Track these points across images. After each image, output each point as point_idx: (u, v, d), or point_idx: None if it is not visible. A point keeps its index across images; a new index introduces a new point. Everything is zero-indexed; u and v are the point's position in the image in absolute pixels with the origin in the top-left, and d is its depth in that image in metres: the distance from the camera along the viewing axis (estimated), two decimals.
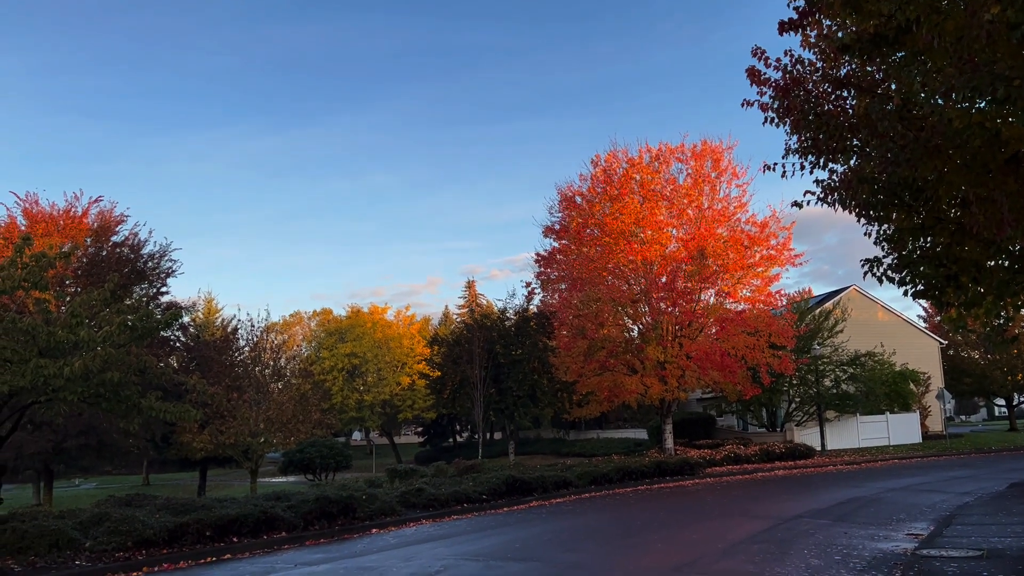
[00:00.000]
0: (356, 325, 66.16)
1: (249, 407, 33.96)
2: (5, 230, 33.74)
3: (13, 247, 15.36)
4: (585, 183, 34.83)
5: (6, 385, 12.14)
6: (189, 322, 41.93)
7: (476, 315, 45.87)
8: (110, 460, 37.01)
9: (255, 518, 14.82)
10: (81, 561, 12.40)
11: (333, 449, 33.07)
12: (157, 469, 56.88)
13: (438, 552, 12.74)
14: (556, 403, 40.41)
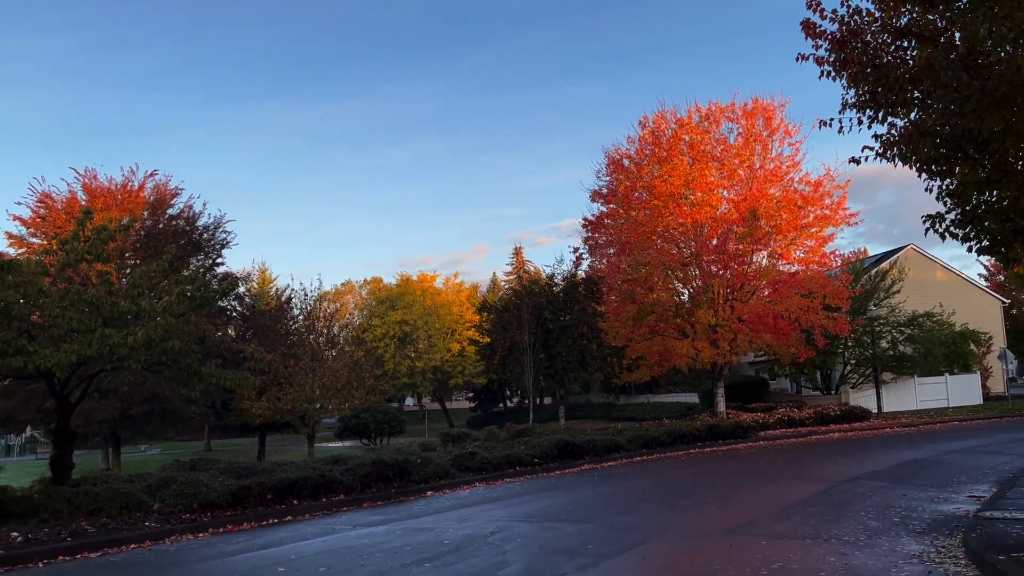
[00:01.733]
0: (406, 293, 66.85)
1: (305, 374, 34.67)
2: (67, 205, 34.78)
3: (75, 221, 15.83)
4: (633, 145, 34.40)
5: (74, 354, 12.57)
6: (245, 292, 42.76)
7: (524, 281, 46.02)
8: (173, 426, 38.32)
9: (314, 481, 15.20)
10: (150, 523, 12.88)
11: (387, 414, 33.67)
12: (218, 435, 58.57)
13: (492, 514, 12.93)
14: (605, 368, 40.44)
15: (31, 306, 13.17)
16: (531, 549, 9.61)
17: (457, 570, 8.51)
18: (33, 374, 13.35)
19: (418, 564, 8.92)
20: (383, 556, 9.54)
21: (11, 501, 12.85)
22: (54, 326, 12.94)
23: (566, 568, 8.42)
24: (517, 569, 8.46)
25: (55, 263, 14.25)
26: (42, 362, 12.24)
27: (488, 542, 10.20)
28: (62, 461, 14.53)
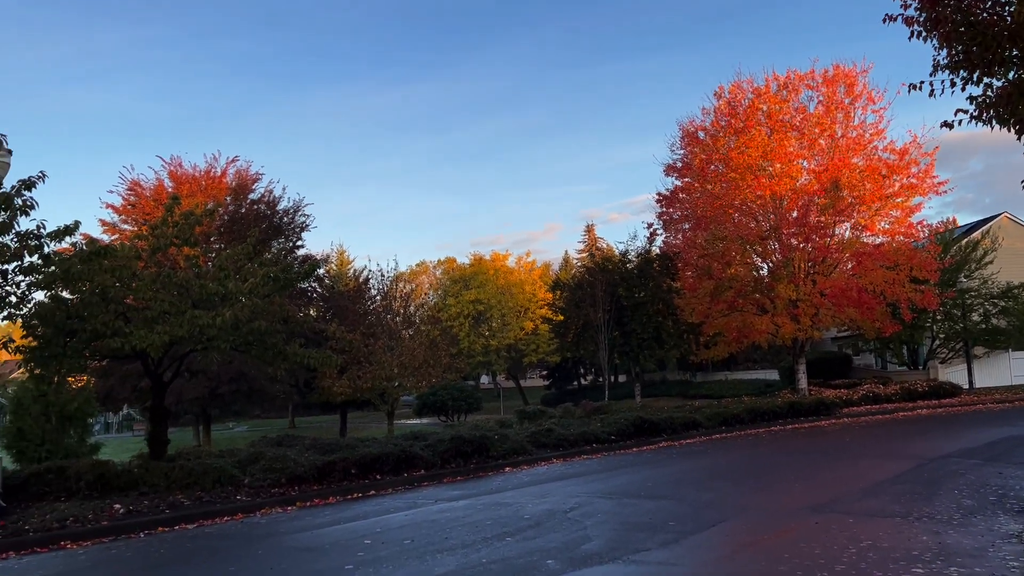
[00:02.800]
0: (479, 272, 67.37)
1: (383, 353, 35.36)
2: (154, 192, 36.18)
3: (164, 207, 16.45)
4: (708, 117, 33.66)
5: (167, 335, 13.10)
6: (324, 274, 43.81)
7: (597, 259, 45.73)
8: (259, 404, 39.66)
9: (395, 457, 15.54)
10: (241, 496, 13.40)
11: (464, 392, 34.07)
12: (301, 412, 60.48)
13: (571, 490, 12.98)
14: (682, 345, 39.95)
15: (126, 289, 13.77)
16: (611, 525, 9.62)
17: (538, 544, 8.59)
18: (129, 354, 13.97)
19: (499, 538, 9.04)
20: (465, 530, 9.70)
21: (113, 475, 13.54)
22: (147, 308, 13.50)
23: (648, 544, 8.40)
24: (599, 544, 8.48)
25: (146, 248, 14.83)
26: (137, 342, 12.80)
27: (568, 517, 10.26)
28: (158, 437, 15.21)
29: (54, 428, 20.38)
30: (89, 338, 13.12)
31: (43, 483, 13.15)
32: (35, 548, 10.17)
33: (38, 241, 11.42)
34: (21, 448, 20.22)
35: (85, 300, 12.93)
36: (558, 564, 7.64)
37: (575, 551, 8.19)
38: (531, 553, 8.15)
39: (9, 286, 11.74)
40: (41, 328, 13.14)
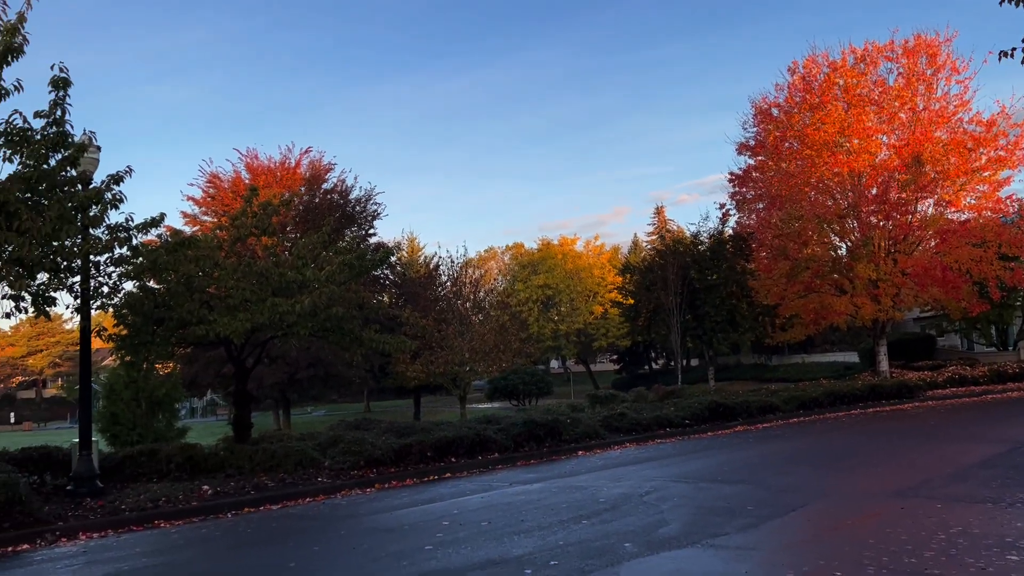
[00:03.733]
0: (547, 257, 67.28)
1: (454, 338, 35.73)
2: (232, 184, 37.29)
3: (243, 198, 16.94)
4: (782, 93, 32.74)
5: (248, 322, 13.52)
6: (396, 261, 44.47)
7: (667, 241, 45.13)
8: (336, 389, 40.70)
9: (470, 440, 15.74)
10: (322, 478, 13.78)
11: (534, 376, 34.18)
12: (376, 397, 61.71)
13: (646, 474, 12.93)
14: (756, 328, 39.14)
15: (208, 279, 14.26)
16: (688, 508, 9.55)
17: (615, 527, 8.59)
18: (213, 341, 14.48)
19: (575, 521, 9.07)
20: (541, 513, 9.77)
21: (201, 458, 14.10)
22: (229, 296, 13.95)
23: (726, 528, 8.32)
24: (676, 528, 8.44)
25: (227, 238, 15.32)
26: (221, 329, 13.25)
27: (644, 501, 10.22)
28: (242, 421, 15.75)
29: (144, 413, 21.32)
30: (176, 326, 13.65)
31: (136, 465, 13.79)
32: (131, 527, 10.68)
33: (127, 233, 11.90)
34: (115, 432, 21.24)
35: (171, 289, 13.45)
36: (635, 547, 7.63)
37: (652, 535, 8.16)
38: (608, 536, 8.17)
39: (101, 277, 12.28)
40: (131, 317, 13.73)
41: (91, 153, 11.84)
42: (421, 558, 7.59)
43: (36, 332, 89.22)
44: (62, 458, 13.23)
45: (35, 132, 10.89)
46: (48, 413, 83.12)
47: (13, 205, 10.05)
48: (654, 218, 72.84)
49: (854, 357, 41.81)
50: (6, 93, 10.77)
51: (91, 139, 11.82)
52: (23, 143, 10.77)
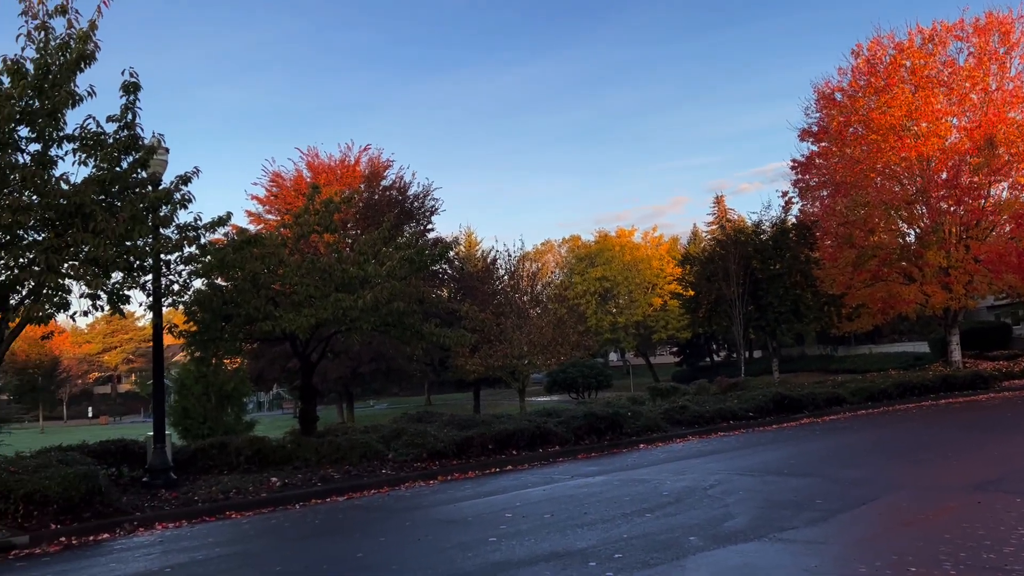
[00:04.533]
0: (604, 249, 66.91)
1: (512, 331, 35.83)
2: (294, 182, 38.04)
3: (305, 196, 17.28)
4: (845, 77, 31.90)
5: (313, 317, 13.81)
6: (453, 255, 44.79)
7: (728, 230, 44.47)
8: (397, 383, 41.25)
9: (530, 433, 15.77)
10: (386, 470, 13.97)
11: (593, 369, 34.09)
12: (436, 390, 62.41)
13: (710, 467, 12.77)
14: (822, 318, 38.30)
15: (274, 276, 14.59)
16: (754, 502, 9.40)
17: (679, 521, 8.51)
18: (279, 336, 14.83)
19: (639, 514, 9.02)
20: (603, 505, 9.74)
21: (269, 450, 14.45)
22: (294, 293, 14.26)
23: (794, 522, 8.16)
24: (742, 522, 8.31)
25: (291, 236, 15.65)
26: (287, 325, 13.56)
27: (708, 494, 10.10)
28: (308, 414, 16.08)
29: (214, 407, 21.96)
30: (243, 322, 14.01)
31: (208, 458, 14.20)
32: (204, 517, 11.00)
33: (196, 232, 12.27)
34: (186, 425, 21.94)
35: (238, 286, 13.81)
36: (701, 541, 7.55)
37: (718, 528, 8.06)
38: (672, 529, 8.10)
39: (172, 275, 12.69)
40: (200, 314, 14.15)
41: (160, 155, 12.21)
42: (486, 550, 7.65)
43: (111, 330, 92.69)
44: (138, 451, 13.71)
45: (107, 136, 11.29)
46: (123, 407, 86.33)
47: (89, 207, 10.43)
48: (714, 208, 71.77)
49: (924, 347, 40.59)
50: (80, 99, 11.17)
51: (160, 141, 12.19)
52: (97, 147, 11.17)
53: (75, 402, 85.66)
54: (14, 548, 9.15)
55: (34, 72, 10.66)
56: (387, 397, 62.33)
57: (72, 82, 10.96)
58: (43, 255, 10.37)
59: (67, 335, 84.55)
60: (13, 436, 23.80)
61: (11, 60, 10.67)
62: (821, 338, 48.23)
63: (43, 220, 10.68)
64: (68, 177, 10.90)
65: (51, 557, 8.90)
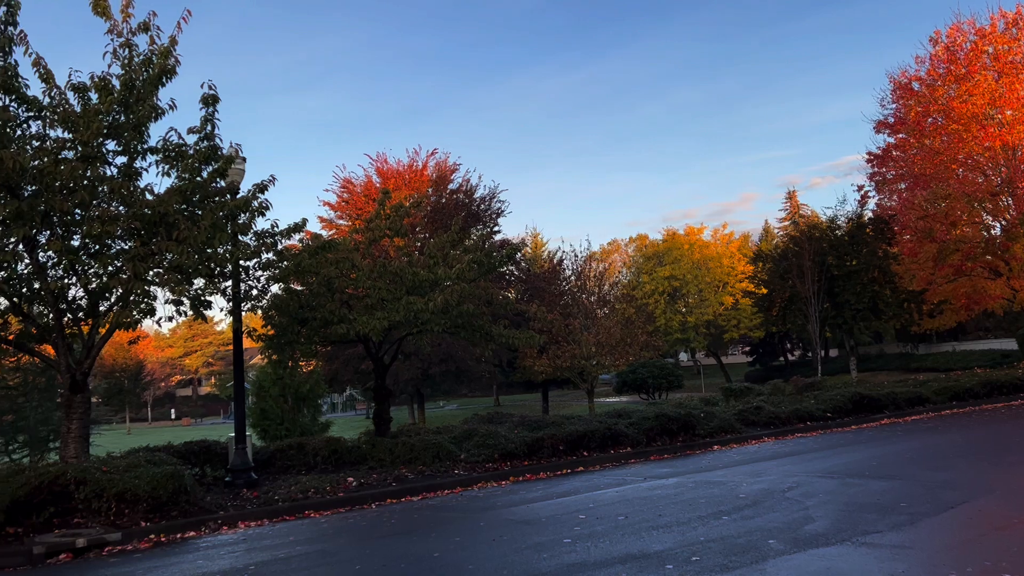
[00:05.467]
0: (673, 248, 66.10)
1: (580, 332, 35.74)
2: (364, 188, 38.74)
3: (376, 202, 17.58)
4: (923, 66, 30.84)
5: (385, 320, 14.04)
6: (520, 257, 44.92)
7: (801, 226, 43.44)
8: (466, 384, 41.65)
9: (601, 434, 15.70)
10: (458, 470, 14.09)
11: (664, 369, 33.73)
12: (504, 391, 62.68)
13: (787, 469, 12.49)
14: (901, 315, 37.06)
15: (347, 280, 14.89)
16: (835, 505, 9.15)
17: (758, 524, 8.35)
18: (353, 339, 15.12)
19: (715, 517, 8.88)
20: (678, 508, 9.62)
21: (345, 450, 14.75)
22: (367, 296, 14.52)
23: (879, 526, 7.91)
24: (823, 525, 8.10)
25: (363, 241, 15.94)
26: (361, 328, 13.81)
27: (787, 497, 9.88)
28: (381, 415, 16.34)
29: (291, 408, 22.52)
30: (319, 325, 14.33)
31: (286, 458, 14.58)
32: (284, 516, 11.29)
33: (273, 239, 12.63)
34: (264, 426, 22.55)
35: (314, 291, 14.14)
36: (781, 544, 7.39)
37: (798, 531, 7.88)
38: (750, 532, 7.95)
39: (251, 281, 13.09)
40: (278, 318, 14.53)
41: (237, 164, 12.59)
42: (561, 551, 7.64)
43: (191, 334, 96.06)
44: (220, 451, 14.15)
45: (188, 147, 11.70)
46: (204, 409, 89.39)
47: (172, 216, 10.84)
48: (786, 203, 70.25)
49: (1012, 344, 38.81)
50: (162, 112, 11.61)
51: (237, 151, 12.57)
52: (178, 158, 11.60)
53: (158, 404, 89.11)
54: (108, 544, 9.56)
55: (120, 88, 11.13)
56: (456, 398, 62.93)
57: (155, 96, 11.41)
58: (130, 263, 10.81)
59: (150, 340, 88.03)
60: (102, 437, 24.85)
61: (99, 77, 11.17)
62: (901, 336, 46.60)
63: (129, 230, 11.12)
64: (152, 188, 11.36)
65: (142, 554, 9.27)
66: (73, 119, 10.82)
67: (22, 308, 11.81)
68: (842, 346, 45.43)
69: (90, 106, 11.04)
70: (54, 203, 10.47)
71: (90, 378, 12.07)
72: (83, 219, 10.98)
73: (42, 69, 11.22)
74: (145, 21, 11.37)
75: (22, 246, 11.03)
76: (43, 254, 11.49)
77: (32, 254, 11.23)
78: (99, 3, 11.31)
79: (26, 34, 10.96)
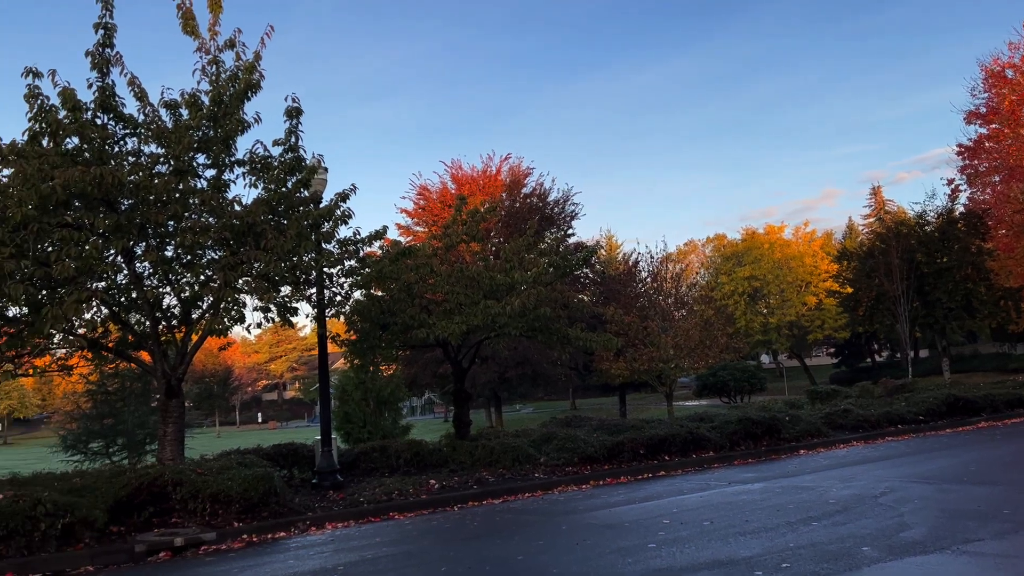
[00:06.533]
0: (752, 247, 64.70)
1: (657, 334, 35.25)
2: (439, 194, 39.23)
3: (452, 207, 17.79)
4: (1017, 52, 29.43)
5: (464, 324, 14.17)
6: (595, 259, 44.69)
7: (887, 223, 41.96)
8: (542, 387, 41.63)
9: (683, 438, 15.48)
10: (538, 474, 14.10)
11: (746, 372, 33.04)
12: (580, 394, 62.47)
13: (878, 474, 12.07)
14: (997, 313, 35.38)
15: (425, 285, 15.10)
16: (931, 511, 8.79)
17: (849, 530, 8.09)
18: (433, 343, 15.31)
19: (805, 523, 8.64)
20: (765, 513, 9.41)
21: (426, 453, 14.97)
22: (446, 301, 14.69)
23: (980, 533, 7.56)
24: (920, 532, 7.79)
25: (440, 246, 16.15)
26: (440, 332, 13.99)
27: (880, 503, 9.54)
28: (461, 418, 16.49)
29: (373, 411, 22.96)
30: (400, 330, 14.58)
31: (369, 460, 14.87)
32: (369, 517, 11.51)
33: (355, 246, 12.93)
34: (347, 429, 23.04)
35: (394, 296, 14.39)
36: (875, 552, 7.13)
37: (893, 539, 7.60)
38: (843, 539, 7.70)
39: (335, 287, 13.44)
40: (360, 323, 14.85)
41: (320, 174, 12.94)
42: (646, 556, 7.56)
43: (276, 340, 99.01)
44: (307, 454, 14.54)
45: (273, 159, 12.09)
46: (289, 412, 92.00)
47: (260, 226, 11.21)
48: (870, 199, 68.04)
49: None
50: (248, 126, 12.02)
51: (320, 161, 12.92)
52: (264, 170, 12.00)
53: (246, 408, 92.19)
54: (203, 544, 9.93)
55: (208, 103, 11.58)
56: (532, 401, 63.03)
57: (241, 110, 11.82)
58: (221, 272, 11.23)
59: (238, 346, 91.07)
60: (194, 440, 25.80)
61: (189, 94, 11.65)
62: (997, 335, 44.50)
63: (219, 240, 11.55)
64: (240, 199, 11.77)
65: (236, 553, 9.59)
66: (166, 135, 11.31)
67: (121, 316, 12.38)
68: (933, 346, 43.67)
69: (181, 122, 11.52)
70: (149, 216, 10.96)
71: (183, 383, 12.56)
72: (176, 230, 11.45)
73: (137, 88, 11.77)
74: (231, 38, 11.80)
75: (121, 257, 11.56)
76: (139, 265, 12.03)
77: (130, 265, 11.77)
78: (188, 23, 11.80)
79: (121, 55, 11.52)
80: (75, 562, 9.30)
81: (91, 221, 10.65)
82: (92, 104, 11.27)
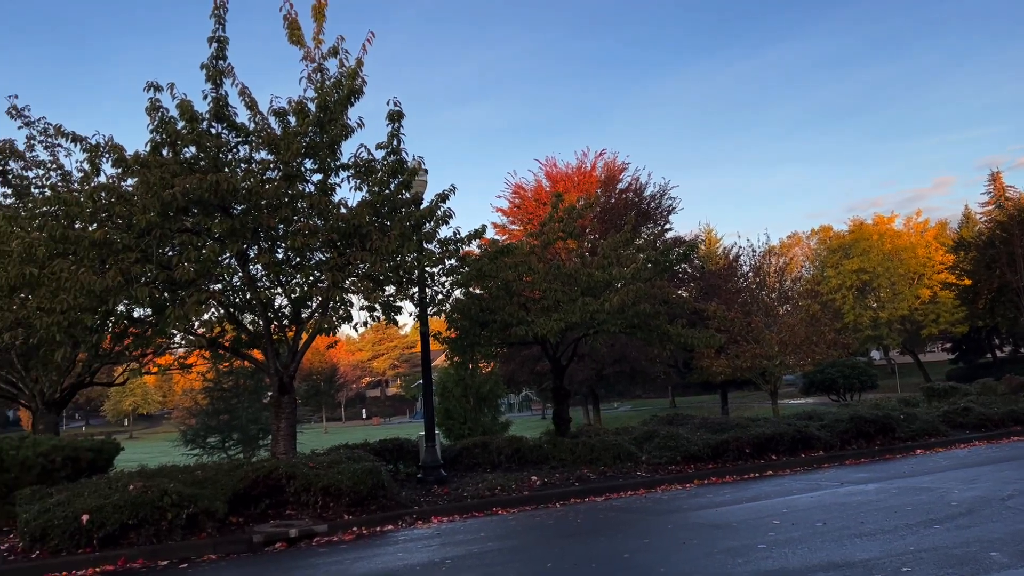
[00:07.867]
0: (860, 239, 62.03)
1: (760, 331, 34.28)
2: (534, 192, 39.33)
3: (547, 205, 17.83)
4: None
5: (562, 321, 14.17)
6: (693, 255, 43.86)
7: (1008, 210, 39.50)
8: (640, 385, 41.17)
9: (790, 437, 15.05)
10: (640, 472, 13.97)
11: (856, 369, 31.77)
12: (679, 392, 61.44)
13: (1004, 475, 11.41)
14: None
15: (523, 283, 15.18)
16: None
17: (975, 534, 7.67)
18: (531, 340, 15.38)
19: (925, 525, 8.25)
20: (881, 515, 9.03)
21: (527, 449, 15.05)
22: (543, 298, 14.73)
23: None
24: None
25: (538, 244, 16.20)
26: (539, 329, 14.03)
27: (1007, 505, 9.02)
28: (561, 415, 16.50)
29: (472, 408, 23.27)
30: (499, 327, 14.72)
31: (471, 456, 15.08)
32: (473, 512, 11.68)
33: (455, 246, 13.14)
34: (448, 426, 23.44)
35: (494, 294, 14.53)
36: (1005, 557, 6.74)
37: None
38: (967, 543, 7.32)
39: (436, 286, 13.70)
40: (461, 321, 15.08)
41: (421, 176, 13.20)
42: (756, 556, 7.39)
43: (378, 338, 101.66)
44: (411, 449, 14.87)
45: (377, 162, 12.40)
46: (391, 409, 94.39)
47: (365, 228, 11.53)
48: (989, 186, 64.15)
49: None
50: (352, 130, 12.36)
51: (420, 163, 13.17)
52: (368, 173, 12.32)
53: (350, 404, 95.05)
54: (316, 535, 10.30)
55: (315, 110, 11.97)
56: (630, 399, 62.44)
57: (345, 116, 12.17)
58: (329, 273, 11.60)
59: (342, 344, 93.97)
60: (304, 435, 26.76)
61: (296, 102, 12.08)
62: None
63: (327, 242, 11.94)
64: (346, 202, 12.13)
65: (347, 545, 9.90)
66: (275, 142, 11.76)
67: (236, 317, 12.96)
68: None
69: (289, 129, 11.95)
70: (261, 220, 11.43)
71: (294, 380, 13.05)
72: (286, 233, 11.90)
73: (247, 98, 12.28)
74: (334, 46, 12.15)
75: (235, 260, 12.10)
76: (252, 267, 12.56)
77: (244, 267, 12.30)
78: (294, 33, 12.23)
79: (233, 67, 12.04)
80: (199, 551, 9.81)
81: (208, 226, 11.20)
82: (207, 114, 11.83)
